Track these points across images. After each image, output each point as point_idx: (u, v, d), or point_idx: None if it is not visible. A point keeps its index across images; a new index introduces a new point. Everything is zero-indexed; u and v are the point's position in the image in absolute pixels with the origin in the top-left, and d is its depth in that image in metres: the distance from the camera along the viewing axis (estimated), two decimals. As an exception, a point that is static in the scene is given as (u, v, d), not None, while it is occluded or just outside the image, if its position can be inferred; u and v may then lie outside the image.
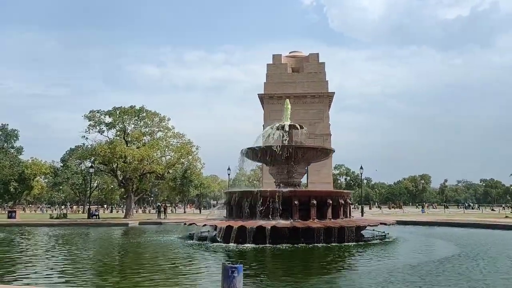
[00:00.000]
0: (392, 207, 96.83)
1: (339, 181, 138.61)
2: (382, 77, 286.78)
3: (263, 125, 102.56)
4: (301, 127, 24.14)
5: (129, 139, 45.93)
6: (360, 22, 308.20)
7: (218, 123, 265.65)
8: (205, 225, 20.75)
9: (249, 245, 17.91)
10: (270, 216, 20.39)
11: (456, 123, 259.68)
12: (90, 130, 45.29)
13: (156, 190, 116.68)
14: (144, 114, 47.36)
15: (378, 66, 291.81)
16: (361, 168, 57.06)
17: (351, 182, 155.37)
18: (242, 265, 6.98)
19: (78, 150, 47.00)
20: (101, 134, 45.98)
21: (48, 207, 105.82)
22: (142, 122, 47.88)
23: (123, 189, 47.35)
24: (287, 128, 23.82)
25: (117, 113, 46.09)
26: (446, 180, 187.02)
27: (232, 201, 22.37)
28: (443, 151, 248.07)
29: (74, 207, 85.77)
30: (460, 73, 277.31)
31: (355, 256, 15.61)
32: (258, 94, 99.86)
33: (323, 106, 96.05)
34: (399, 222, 26.37)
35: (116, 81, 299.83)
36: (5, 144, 57.03)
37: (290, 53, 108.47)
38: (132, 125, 47.56)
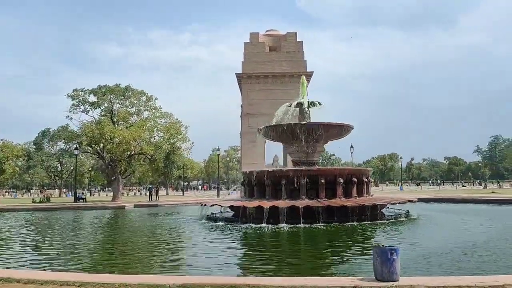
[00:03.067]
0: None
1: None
2: (348, 57, 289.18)
3: (241, 105, 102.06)
4: (320, 104, 23.60)
5: (116, 119, 44.03)
6: (327, 2, 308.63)
7: (186, 103, 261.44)
8: (231, 206, 20.02)
9: (283, 225, 17.39)
10: (295, 195, 20.01)
11: (421, 102, 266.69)
12: (74, 110, 43.06)
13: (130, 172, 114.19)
14: (130, 93, 45.43)
15: (344, 46, 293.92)
16: (352, 147, 57.45)
17: (324, 161, 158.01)
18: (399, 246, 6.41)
19: (62, 132, 44.59)
20: (86, 114, 43.88)
21: (13, 191, 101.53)
22: (128, 102, 45.95)
23: (100, 171, 45.54)
24: (306, 105, 23.21)
25: (102, 91, 43.95)
26: (412, 159, 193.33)
27: (253, 181, 21.71)
28: (409, 130, 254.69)
29: (47, 190, 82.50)
30: (423, 53, 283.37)
31: (411, 233, 15.21)
32: (236, 74, 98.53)
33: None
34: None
35: (76, 60, 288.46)
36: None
37: (266, 31, 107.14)
38: (118, 105, 45.54)
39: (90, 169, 72.13)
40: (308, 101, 23.50)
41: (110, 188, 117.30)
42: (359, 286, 6.00)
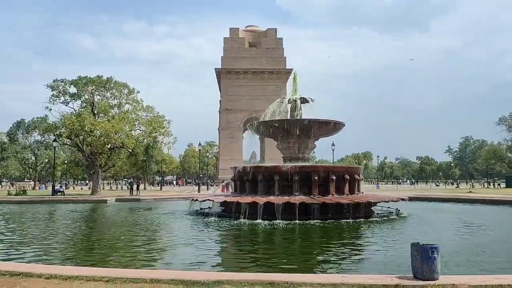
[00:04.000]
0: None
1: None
2: (325, 57, 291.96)
3: (220, 101, 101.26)
4: (312, 100, 23.56)
5: (96, 111, 42.89)
6: (306, 1, 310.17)
7: (160, 98, 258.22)
8: (225, 201, 19.75)
9: (278, 221, 17.30)
10: (287, 192, 19.94)
11: (395, 103, 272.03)
12: (54, 101, 41.67)
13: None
14: (112, 85, 44.34)
15: (322, 45, 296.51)
16: (333, 144, 57.84)
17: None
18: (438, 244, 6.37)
19: (40, 123, 42.91)
20: (66, 105, 42.55)
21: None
22: (109, 93, 44.87)
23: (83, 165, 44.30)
24: (298, 102, 23.14)
25: (82, 82, 42.75)
26: (385, 158, 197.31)
27: (245, 176, 21.52)
28: (382, 129, 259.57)
29: (18, 183, 79.67)
30: (399, 55, 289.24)
31: (409, 232, 15.06)
32: (215, 69, 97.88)
33: (281, 82, 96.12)
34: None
35: (48, 51, 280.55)
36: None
37: (246, 27, 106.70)
38: (98, 97, 44.39)
39: (65, 161, 70.05)
40: (300, 98, 23.41)
41: (84, 182, 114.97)
42: (401, 284, 5.93)
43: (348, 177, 20.93)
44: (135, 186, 44.43)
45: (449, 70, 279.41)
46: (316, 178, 20.00)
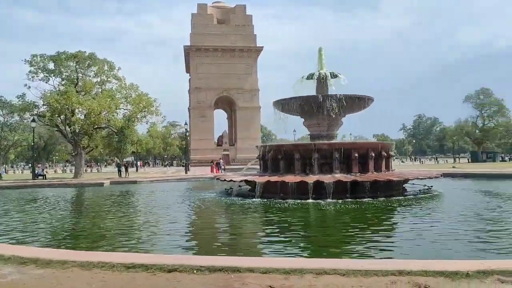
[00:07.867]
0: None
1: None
2: (281, 35, 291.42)
3: (189, 79, 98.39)
4: (340, 76, 22.87)
5: (79, 89, 40.04)
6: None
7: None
8: (268, 181, 18.77)
9: (331, 200, 16.78)
10: (325, 170, 19.39)
11: (350, 83, 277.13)
12: (32, 77, 38.36)
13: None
14: (92, 61, 41.43)
15: (277, 24, 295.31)
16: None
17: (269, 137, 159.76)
18: None
19: (18, 101, 39.24)
20: (46, 82, 39.33)
21: None
22: (89, 71, 41.98)
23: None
24: (329, 76, 22.38)
25: (62, 58, 39.63)
26: (343, 136, 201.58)
27: (279, 155, 20.66)
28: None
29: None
30: (352, 34, 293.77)
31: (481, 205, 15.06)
32: (183, 46, 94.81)
33: (252, 61, 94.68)
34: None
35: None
36: None
37: (213, 3, 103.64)
38: (80, 74, 41.42)
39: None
40: (330, 72, 22.64)
41: (40, 165, 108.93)
42: None
43: (385, 153, 20.63)
44: (123, 168, 42.30)
45: (398, 51, 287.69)
46: (356, 155, 19.52)
